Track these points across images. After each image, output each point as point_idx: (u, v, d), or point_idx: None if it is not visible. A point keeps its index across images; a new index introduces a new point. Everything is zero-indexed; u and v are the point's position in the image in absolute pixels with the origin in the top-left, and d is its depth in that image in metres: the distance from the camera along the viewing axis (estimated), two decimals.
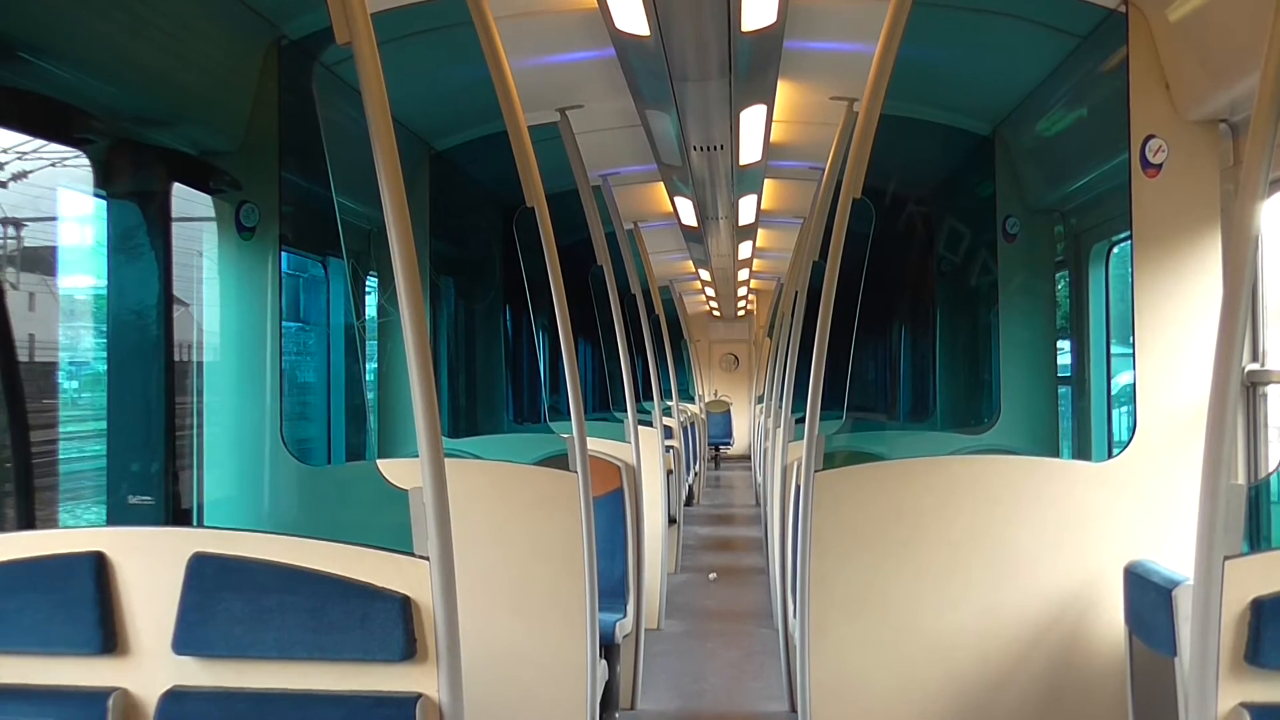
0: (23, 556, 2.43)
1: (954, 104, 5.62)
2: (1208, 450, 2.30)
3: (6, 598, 2.41)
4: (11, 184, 3.93)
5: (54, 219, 4.28)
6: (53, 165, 3.79)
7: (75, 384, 4.23)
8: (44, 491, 3.55)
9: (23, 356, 3.85)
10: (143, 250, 3.86)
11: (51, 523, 3.66)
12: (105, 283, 3.88)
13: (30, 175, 3.92)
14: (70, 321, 4.39)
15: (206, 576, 2.38)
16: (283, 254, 4.30)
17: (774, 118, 5.64)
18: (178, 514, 3.95)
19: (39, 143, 3.81)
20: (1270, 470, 3.70)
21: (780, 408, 6.79)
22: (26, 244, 4.22)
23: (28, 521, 3.26)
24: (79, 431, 4.15)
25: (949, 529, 3.64)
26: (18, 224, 4.07)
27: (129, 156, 3.85)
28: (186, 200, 4.11)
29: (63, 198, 4.09)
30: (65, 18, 3.31)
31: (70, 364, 4.26)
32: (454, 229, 6.49)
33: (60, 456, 3.94)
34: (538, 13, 4.51)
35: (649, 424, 7.00)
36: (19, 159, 3.85)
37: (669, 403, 10.17)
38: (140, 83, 3.74)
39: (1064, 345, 5.62)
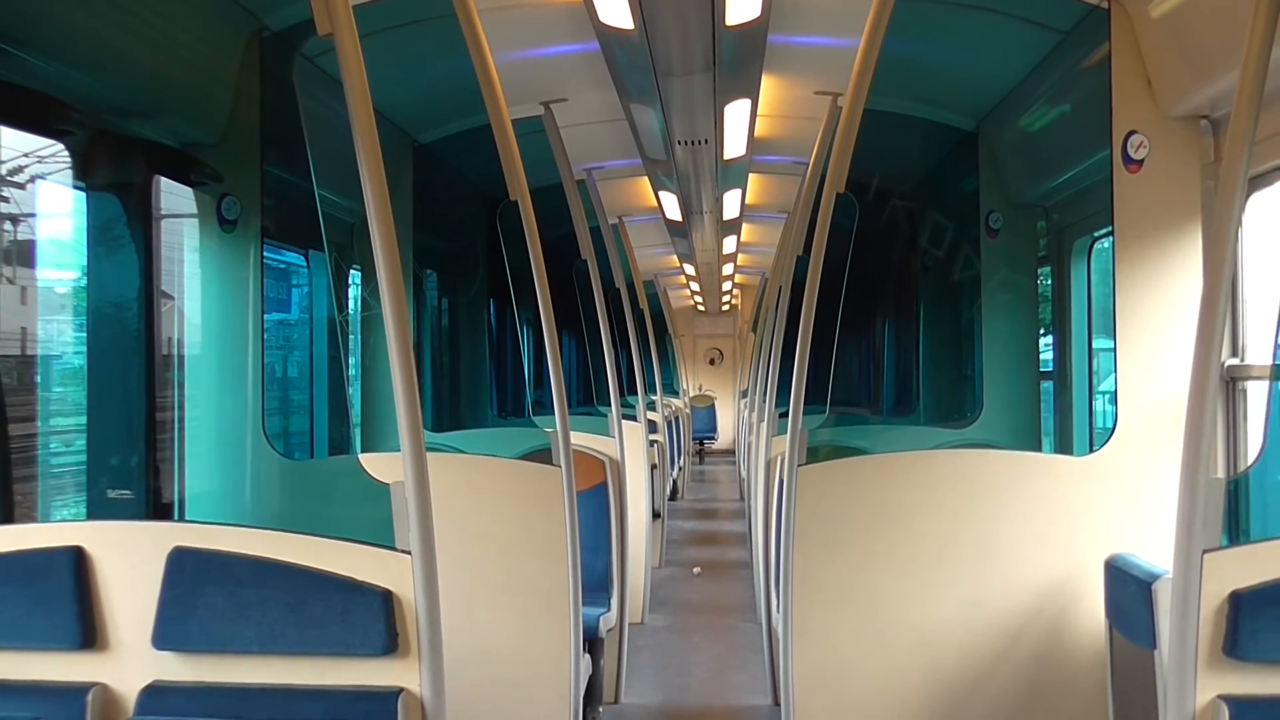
0: (1, 551, 2.41)
1: (938, 99, 5.63)
2: (1187, 444, 2.32)
3: None
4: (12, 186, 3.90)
5: (33, 213, 4.25)
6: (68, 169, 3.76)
7: (40, 378, 4.18)
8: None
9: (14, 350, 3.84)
10: (123, 243, 3.83)
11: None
12: (85, 275, 3.85)
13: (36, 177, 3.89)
14: (50, 315, 4.36)
15: (187, 571, 2.37)
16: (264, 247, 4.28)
17: (758, 112, 5.65)
18: (158, 508, 3.92)
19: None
20: (1249, 464, 3.73)
21: (764, 402, 6.80)
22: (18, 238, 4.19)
23: (6, 515, 3.24)
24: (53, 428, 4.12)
25: (931, 523, 3.66)
26: (14, 219, 4.03)
27: (109, 148, 3.82)
28: (169, 195, 4.09)
29: (42, 190, 4.05)
30: (45, 8, 3.28)
31: (43, 357, 4.22)
32: (437, 222, 6.46)
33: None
34: (521, 5, 4.49)
35: (633, 418, 7.00)
36: (39, 162, 3.82)
37: (653, 397, 10.17)
38: (121, 74, 3.71)
39: (1046, 340, 5.65)
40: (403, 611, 2.33)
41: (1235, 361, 3.72)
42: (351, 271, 5.55)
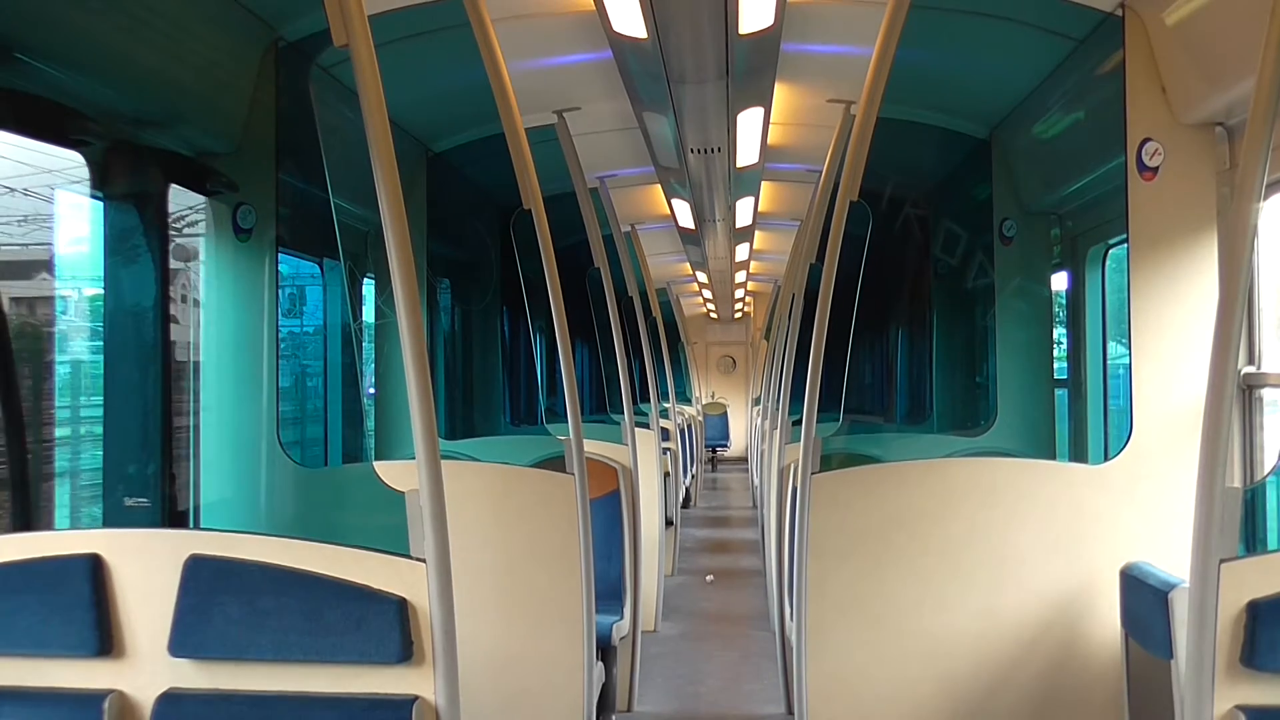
0: (18, 558, 2.42)
1: (951, 107, 5.62)
2: (1203, 453, 2.30)
3: (2, 600, 2.41)
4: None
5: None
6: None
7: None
8: None
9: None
10: (139, 252, 3.85)
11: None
12: (102, 284, 3.88)
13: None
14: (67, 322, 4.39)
15: (203, 579, 2.38)
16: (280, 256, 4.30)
17: (771, 120, 5.64)
18: (174, 516, 3.94)
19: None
20: (1266, 473, 3.71)
21: (777, 410, 6.80)
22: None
23: (24, 523, 3.26)
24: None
25: (946, 531, 3.64)
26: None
27: (126, 158, 3.85)
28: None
29: (60, 199, 4.09)
30: (62, 19, 3.31)
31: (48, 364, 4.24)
32: (451, 231, 6.48)
33: None
34: (535, 15, 4.51)
35: (646, 426, 7.00)
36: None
37: (666, 405, 10.16)
38: (137, 84, 3.74)
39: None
40: (417, 620, 2.33)
41: (1251, 369, 3.70)
42: (366, 280, 5.57)
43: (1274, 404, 3.70)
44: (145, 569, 2.42)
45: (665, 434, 8.64)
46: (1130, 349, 3.76)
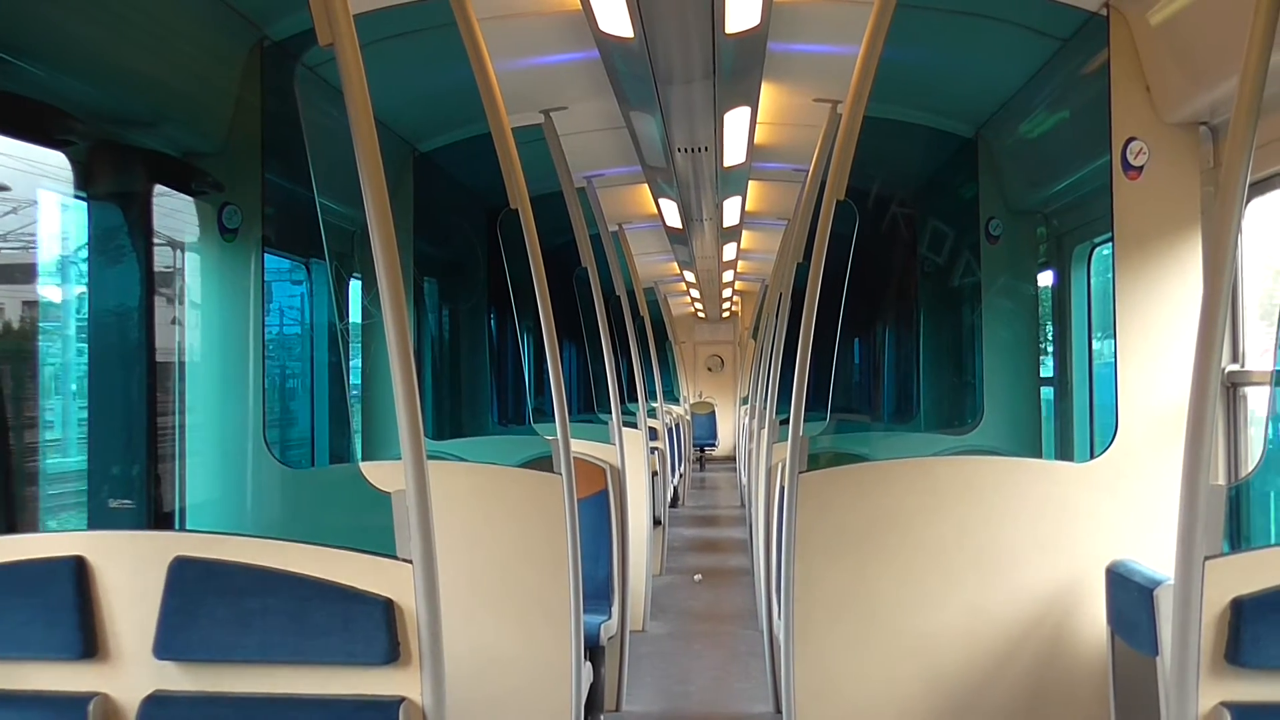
0: (2, 561, 2.41)
1: (937, 106, 5.64)
2: (1188, 451, 2.32)
3: None
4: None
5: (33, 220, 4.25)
6: None
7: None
8: None
9: None
10: (124, 252, 3.83)
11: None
12: (85, 285, 3.85)
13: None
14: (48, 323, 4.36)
15: (188, 580, 2.37)
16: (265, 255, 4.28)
17: (758, 120, 5.65)
18: (159, 518, 3.92)
19: None
20: (1250, 470, 3.73)
21: (764, 409, 6.81)
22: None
23: (7, 525, 3.24)
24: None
25: (933, 530, 3.65)
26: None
27: (110, 158, 3.83)
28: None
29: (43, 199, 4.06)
30: (46, 18, 3.29)
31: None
32: (438, 230, 6.47)
33: None
34: (521, 14, 4.50)
35: (633, 426, 7.00)
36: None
37: (654, 404, 10.17)
38: (122, 84, 3.72)
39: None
40: (404, 620, 2.33)
41: (1235, 367, 3.72)
42: (352, 280, 5.55)
43: (1258, 402, 3.72)
44: (130, 571, 2.41)
45: (653, 433, 8.65)
46: (1115, 347, 3.77)
